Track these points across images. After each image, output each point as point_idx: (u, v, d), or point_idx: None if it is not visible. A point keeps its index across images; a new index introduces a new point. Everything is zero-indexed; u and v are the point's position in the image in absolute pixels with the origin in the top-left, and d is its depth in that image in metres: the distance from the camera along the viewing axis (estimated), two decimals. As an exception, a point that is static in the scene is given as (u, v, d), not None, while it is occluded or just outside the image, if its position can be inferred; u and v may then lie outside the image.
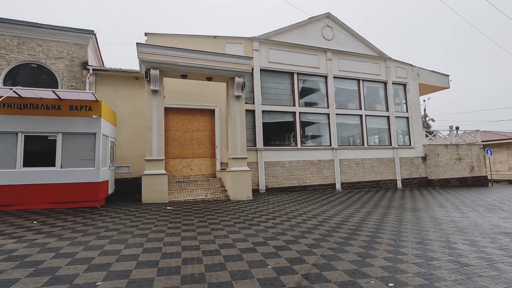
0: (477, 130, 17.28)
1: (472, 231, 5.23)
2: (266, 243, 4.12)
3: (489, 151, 17.53)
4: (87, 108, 7.15)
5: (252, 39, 12.24)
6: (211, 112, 11.40)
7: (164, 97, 8.94)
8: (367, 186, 13.66)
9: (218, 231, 4.83)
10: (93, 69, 9.67)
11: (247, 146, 11.53)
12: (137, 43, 8.22)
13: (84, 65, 9.72)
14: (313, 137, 13.64)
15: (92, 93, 6.69)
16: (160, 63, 8.49)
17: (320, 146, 13.25)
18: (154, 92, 8.62)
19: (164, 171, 8.48)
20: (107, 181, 7.83)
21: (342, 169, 13.27)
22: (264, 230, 4.97)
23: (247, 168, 9.48)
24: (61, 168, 6.88)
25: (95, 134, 7.19)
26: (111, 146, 8.49)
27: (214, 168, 11.20)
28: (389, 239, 4.52)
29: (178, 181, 9.79)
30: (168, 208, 7.22)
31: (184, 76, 9.27)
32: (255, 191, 11.48)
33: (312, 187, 12.56)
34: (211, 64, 9.08)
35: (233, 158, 9.45)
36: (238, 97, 9.65)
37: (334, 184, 12.99)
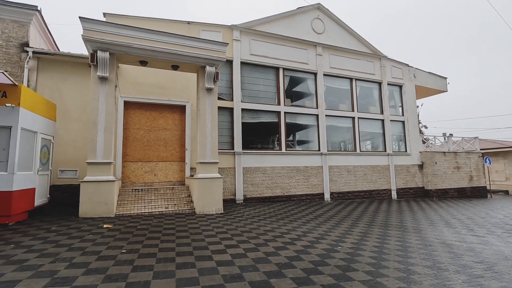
0: (475, 137, 16.17)
1: (505, 269, 3.77)
2: (202, 303, 2.54)
3: (487, 160, 16.42)
4: (0, 93, 5.47)
5: (232, 28, 10.77)
6: (182, 109, 9.79)
7: (116, 86, 7.32)
8: (359, 197, 12.23)
9: (141, 272, 3.22)
10: (34, 52, 7.98)
11: (223, 149, 10.01)
12: (80, 17, 6.60)
13: (23, 46, 8.02)
14: (300, 140, 12.18)
15: (3, 72, 5.03)
16: (111, 44, 6.89)
17: (308, 150, 11.77)
18: (103, 79, 6.99)
19: (111, 177, 6.80)
20: (31, 190, 6.11)
21: (332, 177, 11.81)
22: (212, 270, 3.38)
23: (218, 175, 7.90)
24: (-41, 172, 5.16)
25: (10, 128, 5.50)
26: (44, 145, 6.78)
27: (183, 173, 9.56)
28: (396, 288, 3.00)
29: (135, 189, 8.12)
30: (104, 226, 5.56)
31: (143, 63, 7.68)
32: (231, 201, 9.89)
33: (298, 197, 11.04)
34: (176, 48, 7.52)
35: (201, 162, 7.86)
36: (209, 90, 8.11)
37: (323, 194, 11.50)
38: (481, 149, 17.01)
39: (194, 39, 7.80)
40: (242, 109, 10.63)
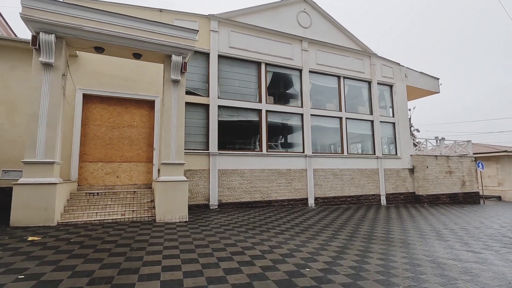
0: (468, 141, 15.57)
1: (511, 302, 2.96)
2: None
3: (480, 164, 15.83)
4: None
5: (209, 17, 9.92)
6: (150, 104, 8.87)
7: (64, 75, 6.37)
8: (346, 202, 11.42)
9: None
10: (-26, 35, 6.99)
11: (196, 150, 9.14)
12: (18, -8, 5.68)
13: (-37, 29, 7.04)
14: (283, 141, 11.34)
15: None
16: (57, 26, 5.96)
17: (291, 152, 10.95)
18: (47, 66, 6.05)
19: (53, 179, 5.83)
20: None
21: (317, 181, 10.99)
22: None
23: (183, 178, 6.99)
24: None
25: None
26: (-26, 141, 5.79)
27: (150, 176, 8.62)
28: None
29: (90, 193, 7.15)
30: (29, 239, 4.59)
31: (99, 49, 6.76)
32: (205, 207, 8.99)
33: (279, 203, 10.18)
34: (137, 34, 6.63)
35: (165, 163, 6.95)
36: (175, 82, 7.22)
37: (306, 199, 10.67)
38: (473, 153, 16.43)
39: (159, 24, 6.91)
40: (219, 106, 9.76)
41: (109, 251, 4.12)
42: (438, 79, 15.44)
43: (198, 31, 7.37)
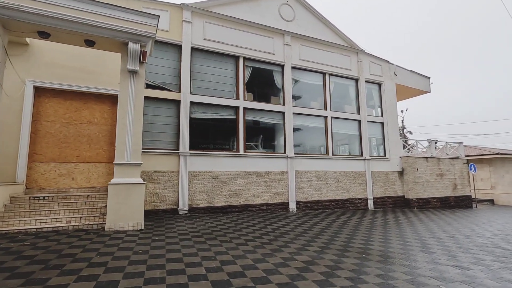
0: (460, 142, 14.99)
1: None
2: None
3: (472, 167, 15.27)
4: None
5: (182, 7, 9.19)
6: (113, 99, 8.08)
7: (-2, 61, 5.58)
8: (331, 207, 10.70)
9: None
10: None
11: (165, 149, 8.41)
12: None
13: None
14: (262, 141, 10.59)
15: None
16: (-13, 4, 5.18)
17: (271, 153, 10.22)
18: (-25, 50, 5.26)
19: (-21, 182, 5.03)
20: None
21: (299, 183, 10.26)
22: None
23: (139, 181, 6.21)
24: None
25: None
26: None
27: (111, 178, 7.78)
28: None
29: (35, 197, 6.32)
30: None
31: (43, 34, 5.97)
32: (173, 212, 8.20)
33: (257, 207, 9.42)
34: (87, 17, 5.86)
35: (119, 164, 6.17)
36: (133, 72, 6.45)
37: (287, 203, 9.92)
38: (465, 156, 15.87)
39: (112, 7, 6.14)
40: (192, 103, 9.00)
41: (13, 271, 3.33)
42: (429, 78, 14.87)
43: (159, 16, 6.61)
